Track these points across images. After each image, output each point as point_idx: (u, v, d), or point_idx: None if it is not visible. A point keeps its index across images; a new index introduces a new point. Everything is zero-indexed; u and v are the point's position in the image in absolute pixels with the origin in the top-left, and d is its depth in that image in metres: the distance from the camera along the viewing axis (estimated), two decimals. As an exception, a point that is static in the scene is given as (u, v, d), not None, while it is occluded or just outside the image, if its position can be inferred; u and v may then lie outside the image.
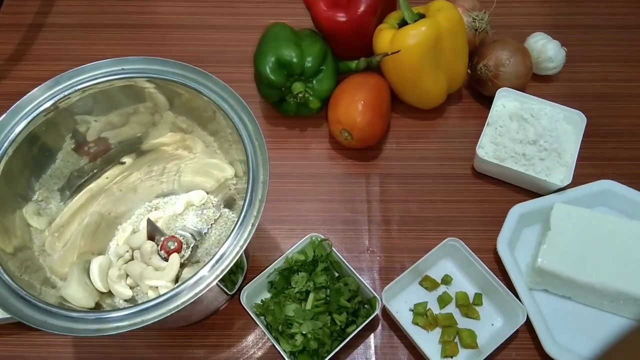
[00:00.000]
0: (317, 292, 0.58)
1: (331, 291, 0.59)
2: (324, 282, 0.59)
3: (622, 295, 0.60)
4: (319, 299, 0.58)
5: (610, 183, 0.68)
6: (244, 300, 0.59)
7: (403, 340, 0.62)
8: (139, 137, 0.61)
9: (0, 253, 0.46)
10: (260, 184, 0.48)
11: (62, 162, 0.57)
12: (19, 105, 0.51)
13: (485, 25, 0.75)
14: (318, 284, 0.59)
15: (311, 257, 0.61)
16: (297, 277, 0.60)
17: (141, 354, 0.61)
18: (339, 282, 0.61)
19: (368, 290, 0.60)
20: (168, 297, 0.43)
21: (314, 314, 0.57)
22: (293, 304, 0.58)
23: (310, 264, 0.61)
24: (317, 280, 0.59)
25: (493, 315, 0.62)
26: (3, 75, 0.81)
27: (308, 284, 0.59)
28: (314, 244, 0.62)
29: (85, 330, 0.42)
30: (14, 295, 0.44)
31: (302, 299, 0.59)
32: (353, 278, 0.61)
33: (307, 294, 0.59)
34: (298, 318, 0.57)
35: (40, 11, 0.87)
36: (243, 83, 0.77)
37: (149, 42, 0.84)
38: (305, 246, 0.62)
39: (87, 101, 0.54)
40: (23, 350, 0.61)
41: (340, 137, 0.71)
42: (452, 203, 0.70)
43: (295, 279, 0.60)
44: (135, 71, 0.53)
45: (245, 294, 0.60)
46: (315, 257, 0.61)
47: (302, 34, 0.72)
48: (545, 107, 0.72)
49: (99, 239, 0.62)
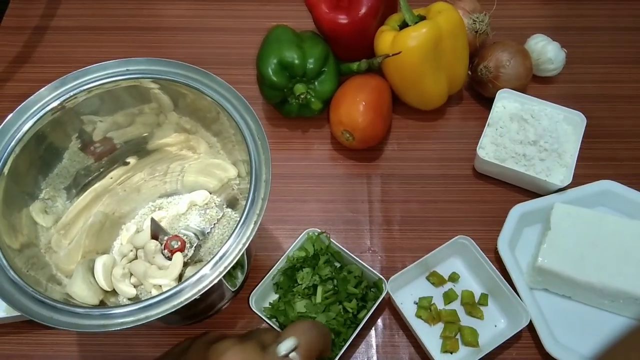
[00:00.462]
0: (325, 284, 0.60)
1: (338, 281, 0.60)
2: (329, 273, 0.60)
3: (622, 295, 0.60)
4: (327, 290, 0.59)
5: (610, 183, 0.69)
6: (254, 306, 0.60)
7: (404, 339, 0.62)
8: (144, 137, 0.61)
9: (7, 250, 0.47)
10: (262, 183, 0.48)
11: (69, 162, 0.57)
12: (27, 105, 0.52)
13: (486, 27, 0.76)
14: (324, 276, 0.60)
15: (312, 252, 0.62)
16: (302, 273, 0.61)
17: (145, 352, 0.62)
18: (343, 270, 0.62)
19: (373, 274, 0.61)
20: (171, 294, 0.43)
21: (325, 306, 0.58)
22: (303, 300, 0.59)
23: (312, 259, 0.62)
24: (322, 272, 0.60)
25: (497, 316, 0.63)
26: (8, 77, 0.81)
27: (314, 278, 0.60)
28: (312, 238, 0.63)
29: (91, 326, 0.42)
30: (21, 292, 0.44)
31: (311, 294, 0.60)
32: (356, 264, 0.62)
33: (314, 288, 0.60)
34: (310, 312, 0.58)
35: (45, 14, 0.88)
36: (245, 85, 0.77)
37: (152, 45, 0.85)
38: (304, 242, 0.63)
39: (93, 101, 0.55)
40: (29, 349, 0.62)
41: (341, 137, 0.71)
42: (453, 203, 0.71)
43: (301, 275, 0.61)
44: (140, 72, 0.54)
45: (253, 300, 0.60)
46: (316, 251, 0.62)
47: (304, 36, 0.73)
48: (545, 108, 0.72)
49: (103, 239, 0.63)
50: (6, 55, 0.84)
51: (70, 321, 0.42)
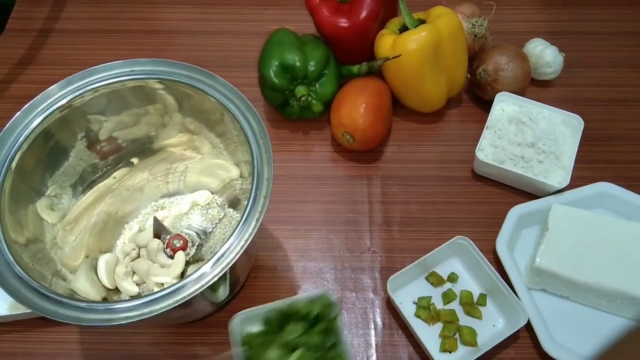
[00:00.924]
0: (306, 352, 0.52)
1: (321, 357, 0.53)
2: (318, 343, 0.53)
3: (620, 295, 0.61)
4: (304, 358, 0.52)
5: (608, 185, 0.69)
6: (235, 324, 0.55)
7: (404, 338, 0.63)
8: (149, 137, 0.62)
9: (13, 245, 0.48)
10: (264, 181, 0.49)
11: (75, 160, 0.58)
12: (34, 103, 0.53)
13: (485, 31, 0.77)
14: (311, 343, 0.52)
15: (315, 313, 0.54)
16: (293, 325, 0.53)
17: (145, 350, 0.62)
18: (333, 350, 0.54)
19: None
20: (174, 290, 0.44)
21: None
22: (278, 350, 0.52)
23: (311, 319, 0.54)
24: (311, 340, 0.53)
25: (495, 316, 0.63)
26: (12, 78, 0.82)
27: (300, 339, 0.53)
28: (323, 302, 0.55)
29: (95, 320, 0.43)
30: (26, 286, 0.45)
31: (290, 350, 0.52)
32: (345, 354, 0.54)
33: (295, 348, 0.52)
34: None
35: (50, 17, 0.89)
36: (247, 87, 0.77)
37: (155, 48, 0.86)
38: (315, 300, 0.55)
39: (99, 101, 0.56)
40: (33, 347, 0.62)
41: (342, 139, 0.72)
42: (452, 205, 0.72)
43: (291, 327, 0.53)
44: (144, 72, 0.55)
45: (239, 319, 0.56)
46: (319, 315, 0.54)
47: (305, 39, 0.74)
48: (543, 110, 0.73)
49: (106, 237, 0.63)
50: (11, 57, 0.85)
51: (75, 315, 0.43)
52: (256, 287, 0.66)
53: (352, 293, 0.66)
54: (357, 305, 0.65)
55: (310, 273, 0.67)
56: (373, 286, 0.66)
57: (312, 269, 0.67)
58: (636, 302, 0.60)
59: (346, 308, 0.65)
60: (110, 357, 0.62)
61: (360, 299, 0.65)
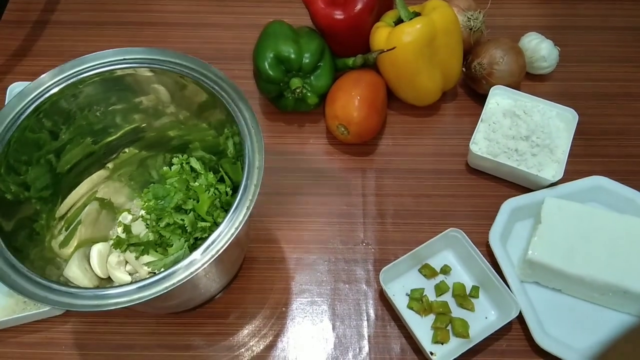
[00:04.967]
0: None
1: None
2: None
3: (611, 288, 0.61)
4: None
5: (601, 179, 0.69)
6: None
7: (396, 329, 0.63)
8: (142, 127, 0.62)
9: (4, 231, 0.48)
10: (255, 170, 0.49)
11: (68, 148, 0.58)
12: (25, 91, 0.53)
13: (480, 25, 0.77)
14: None
15: None
16: None
17: (139, 340, 0.62)
18: None
19: None
20: (164, 276, 0.44)
21: None
22: None
23: None
24: None
25: (488, 308, 0.63)
26: (8, 70, 0.82)
27: None
28: None
29: (85, 306, 0.43)
30: (17, 272, 0.45)
31: None
32: None
33: None
34: None
35: (46, 8, 0.89)
36: (242, 79, 0.79)
37: (150, 40, 0.86)
38: None
39: (92, 90, 0.56)
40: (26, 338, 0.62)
41: (337, 132, 0.72)
42: (446, 197, 0.72)
43: None
44: (136, 61, 0.55)
45: None
46: None
47: (300, 31, 0.74)
48: (538, 104, 0.73)
49: (99, 227, 0.63)
50: (7, 48, 0.85)
51: (65, 301, 0.43)
52: (250, 278, 0.66)
53: (346, 285, 0.66)
54: (350, 296, 0.65)
55: (304, 265, 0.67)
56: (366, 278, 0.66)
57: (305, 261, 0.67)
58: (628, 295, 0.60)
59: (339, 299, 0.65)
60: (105, 346, 0.62)
61: (353, 290, 0.66)
